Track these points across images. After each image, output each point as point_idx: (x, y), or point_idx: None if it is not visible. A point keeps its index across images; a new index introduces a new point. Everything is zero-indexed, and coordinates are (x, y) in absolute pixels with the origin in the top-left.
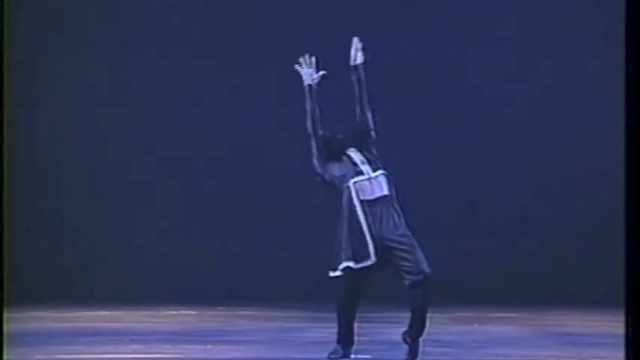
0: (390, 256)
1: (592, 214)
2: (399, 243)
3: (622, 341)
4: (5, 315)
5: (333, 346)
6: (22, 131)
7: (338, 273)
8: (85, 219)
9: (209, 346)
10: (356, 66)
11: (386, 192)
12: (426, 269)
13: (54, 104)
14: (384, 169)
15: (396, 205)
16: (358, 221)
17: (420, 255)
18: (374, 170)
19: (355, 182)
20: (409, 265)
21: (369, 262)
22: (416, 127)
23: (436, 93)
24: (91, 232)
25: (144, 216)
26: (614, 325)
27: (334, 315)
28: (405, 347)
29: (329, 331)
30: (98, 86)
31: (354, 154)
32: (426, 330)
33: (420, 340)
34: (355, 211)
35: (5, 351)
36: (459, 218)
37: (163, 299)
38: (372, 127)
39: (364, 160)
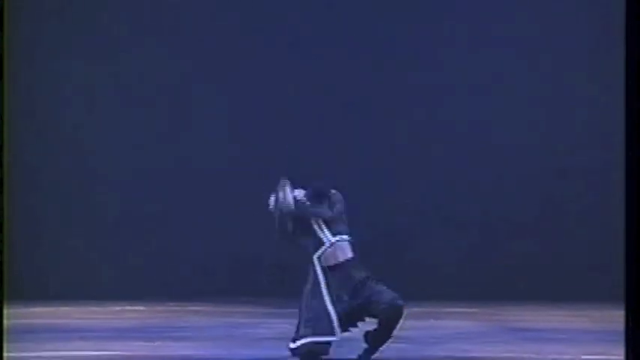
0: (363, 310)
1: (559, 209)
2: (368, 297)
3: (579, 337)
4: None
5: (286, 342)
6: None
7: (293, 346)
8: (37, 217)
9: (158, 343)
10: (295, 206)
11: (350, 255)
12: (400, 303)
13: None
14: (347, 234)
15: (360, 266)
16: (322, 298)
17: (390, 294)
18: (334, 234)
19: (319, 256)
20: (383, 307)
21: (332, 338)
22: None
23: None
24: (41, 229)
25: (95, 211)
26: (571, 320)
27: (288, 311)
28: (360, 345)
29: (283, 327)
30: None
31: (314, 221)
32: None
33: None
34: (320, 288)
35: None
36: (416, 214)
37: (110, 294)
38: (330, 213)
39: (324, 226)
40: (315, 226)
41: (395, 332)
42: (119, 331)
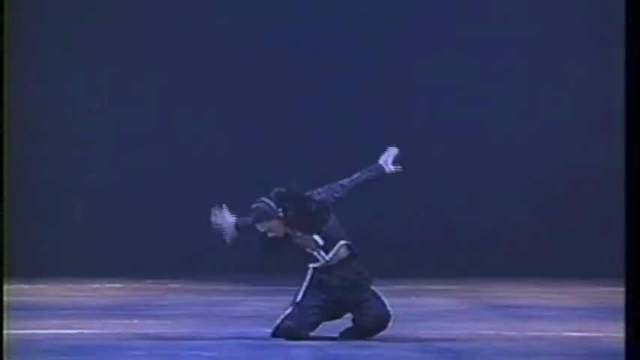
0: (350, 308)
1: (534, 185)
2: (360, 301)
3: (564, 314)
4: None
5: (267, 320)
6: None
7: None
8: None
9: (136, 321)
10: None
11: (344, 255)
12: (387, 313)
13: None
14: (342, 238)
15: (355, 264)
16: (297, 295)
17: (380, 302)
18: (329, 250)
19: (314, 267)
20: (371, 315)
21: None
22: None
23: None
24: (22, 209)
25: (77, 192)
26: (552, 297)
27: (267, 288)
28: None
29: (262, 305)
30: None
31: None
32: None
33: None
34: (310, 296)
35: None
36: (394, 189)
37: (88, 272)
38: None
39: (318, 243)
40: (308, 249)
41: None
42: (97, 309)
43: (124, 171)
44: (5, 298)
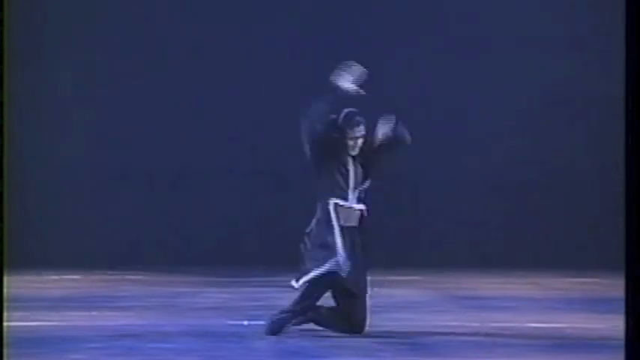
0: (344, 290)
1: (508, 175)
2: (351, 295)
3: (527, 305)
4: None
5: (225, 312)
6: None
7: (296, 285)
8: None
9: (94, 313)
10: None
11: (356, 224)
12: (361, 328)
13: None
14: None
15: (358, 237)
16: (332, 231)
17: (363, 306)
18: (358, 201)
19: (335, 203)
20: (351, 317)
21: (335, 269)
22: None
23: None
24: None
25: (38, 177)
26: (517, 288)
27: (227, 280)
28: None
29: (222, 296)
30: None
31: (352, 170)
32: None
33: None
34: (331, 222)
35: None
36: None
37: (46, 263)
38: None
39: (356, 183)
40: (351, 172)
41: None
42: (55, 301)
43: (97, 164)
44: (5, 291)
